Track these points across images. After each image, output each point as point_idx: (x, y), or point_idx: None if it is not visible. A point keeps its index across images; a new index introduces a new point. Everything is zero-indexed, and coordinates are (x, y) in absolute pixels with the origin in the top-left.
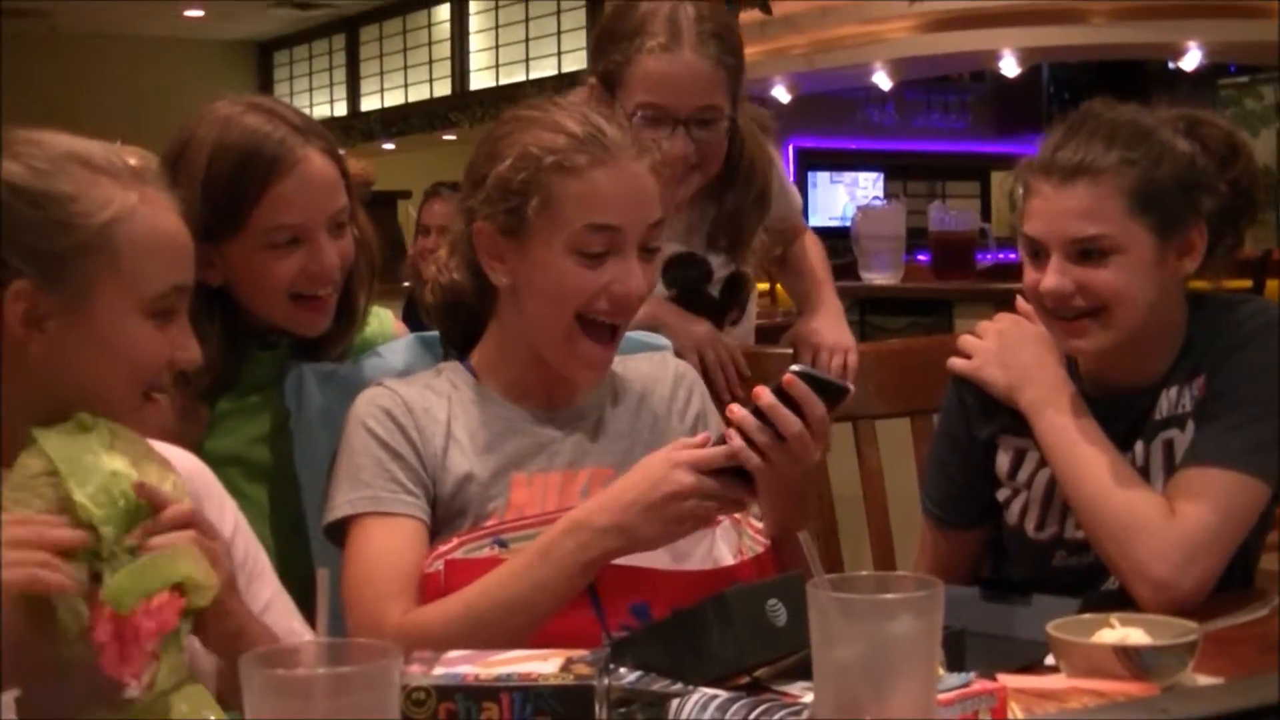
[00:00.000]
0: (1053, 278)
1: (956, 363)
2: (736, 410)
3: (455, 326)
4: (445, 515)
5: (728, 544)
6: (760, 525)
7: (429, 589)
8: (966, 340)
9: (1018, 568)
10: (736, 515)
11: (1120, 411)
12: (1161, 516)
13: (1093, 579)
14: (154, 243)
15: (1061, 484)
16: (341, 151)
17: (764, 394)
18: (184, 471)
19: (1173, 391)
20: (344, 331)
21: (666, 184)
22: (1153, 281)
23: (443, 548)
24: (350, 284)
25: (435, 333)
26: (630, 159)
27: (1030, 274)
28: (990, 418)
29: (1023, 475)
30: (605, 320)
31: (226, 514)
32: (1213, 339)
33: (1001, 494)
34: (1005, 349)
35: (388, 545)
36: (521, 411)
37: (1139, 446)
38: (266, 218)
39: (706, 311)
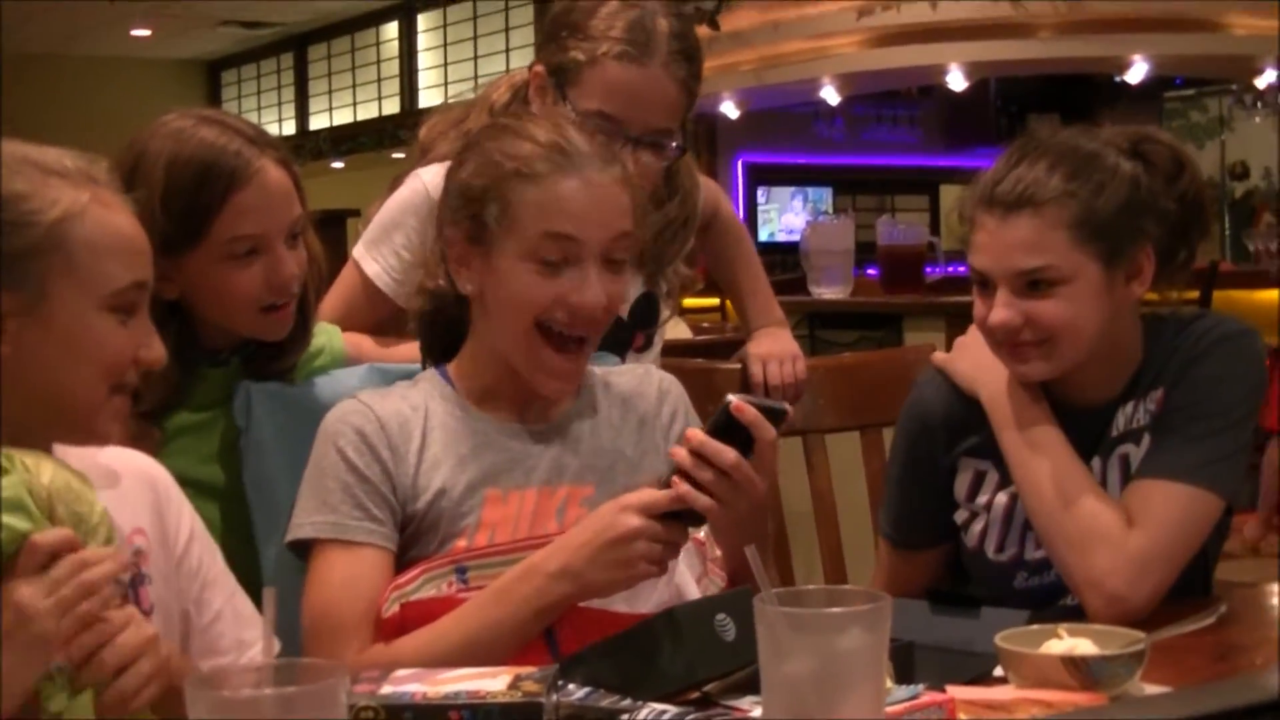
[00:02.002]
0: (1000, 311)
1: (938, 355)
2: (678, 452)
3: (435, 335)
4: (416, 532)
5: (690, 570)
6: (718, 555)
7: (386, 631)
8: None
9: (979, 588)
10: (700, 538)
11: (1077, 429)
12: (1118, 529)
13: (1054, 598)
14: (109, 240)
15: (1020, 491)
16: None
17: (694, 434)
18: (142, 476)
19: (1129, 407)
20: (296, 343)
21: (639, 196)
22: (1100, 309)
23: (403, 578)
24: (304, 296)
25: (394, 365)
26: (595, 169)
27: (979, 306)
28: (953, 439)
29: (982, 498)
30: (566, 332)
31: (184, 521)
32: (1169, 355)
33: (960, 515)
34: (978, 344)
35: (348, 576)
36: (498, 424)
37: (1096, 462)
38: (226, 229)
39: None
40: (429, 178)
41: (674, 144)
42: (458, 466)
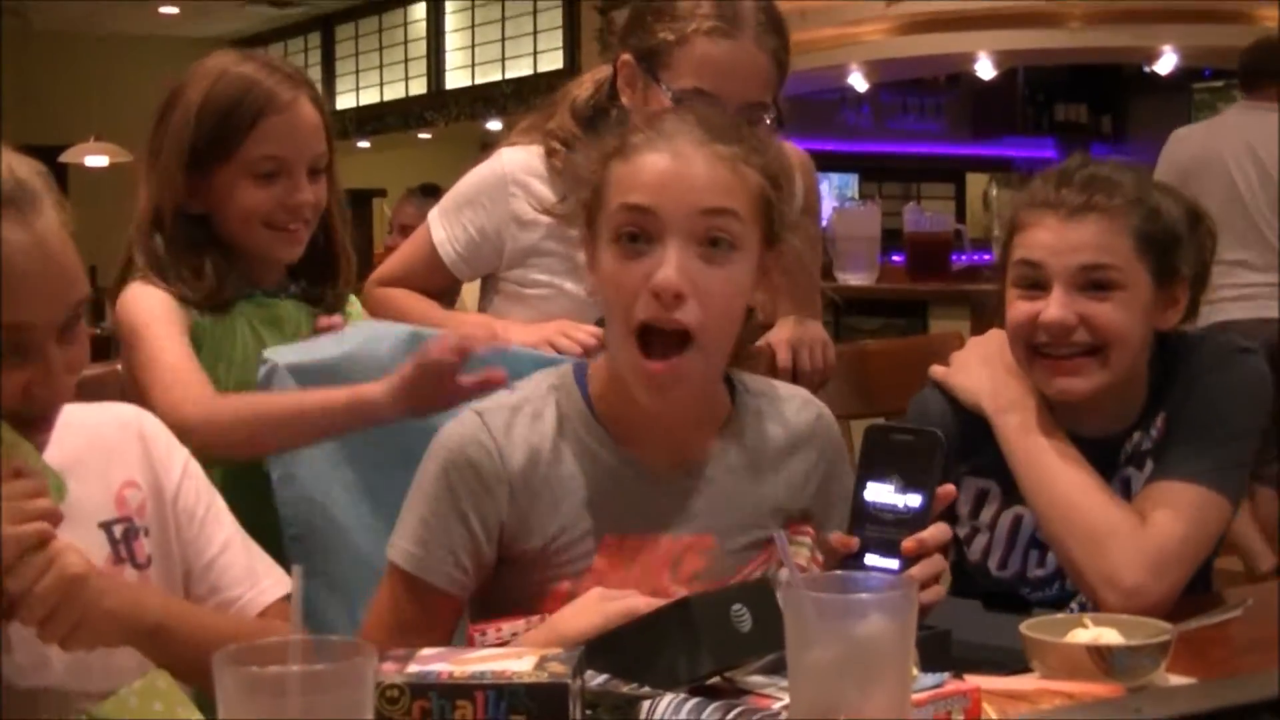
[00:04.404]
0: (1056, 309)
1: (936, 369)
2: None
3: None
4: (519, 566)
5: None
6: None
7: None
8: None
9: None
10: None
11: (1087, 460)
12: (1133, 525)
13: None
14: None
15: (1027, 492)
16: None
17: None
18: (128, 427)
19: (1135, 436)
20: (334, 272)
21: (750, 177)
22: (1145, 327)
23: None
24: (330, 230)
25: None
26: (689, 143)
27: (1022, 306)
28: (957, 452)
29: (985, 516)
30: (657, 330)
31: (175, 461)
32: (1174, 381)
33: (961, 530)
34: (977, 356)
35: (414, 618)
36: (635, 462)
37: None
38: (255, 148)
39: None
40: (509, 158)
41: (769, 117)
42: (580, 510)
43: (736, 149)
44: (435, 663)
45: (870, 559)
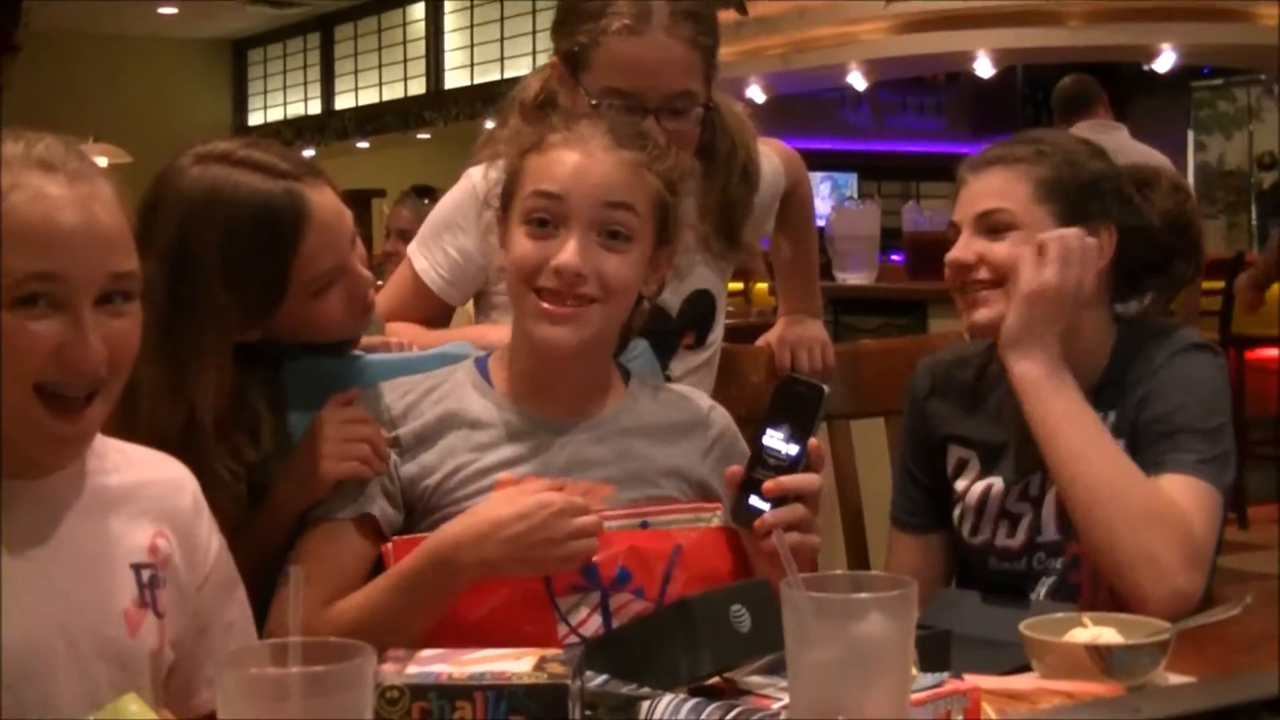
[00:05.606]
0: (956, 250)
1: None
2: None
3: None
4: (421, 511)
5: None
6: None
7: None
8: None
9: (963, 570)
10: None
11: None
12: (1183, 515)
13: (1024, 585)
14: (14, 229)
15: (1065, 465)
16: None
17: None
18: (172, 482)
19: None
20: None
21: (640, 174)
22: None
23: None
24: None
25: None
26: (592, 138)
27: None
28: (943, 420)
29: (960, 484)
30: (554, 291)
31: (214, 538)
32: (1135, 361)
33: (953, 496)
34: (1036, 302)
35: (352, 564)
36: (528, 415)
37: None
38: (304, 273)
39: (654, 334)
40: (478, 175)
41: (699, 105)
42: (474, 452)
43: (640, 155)
44: (435, 664)
45: (752, 500)
